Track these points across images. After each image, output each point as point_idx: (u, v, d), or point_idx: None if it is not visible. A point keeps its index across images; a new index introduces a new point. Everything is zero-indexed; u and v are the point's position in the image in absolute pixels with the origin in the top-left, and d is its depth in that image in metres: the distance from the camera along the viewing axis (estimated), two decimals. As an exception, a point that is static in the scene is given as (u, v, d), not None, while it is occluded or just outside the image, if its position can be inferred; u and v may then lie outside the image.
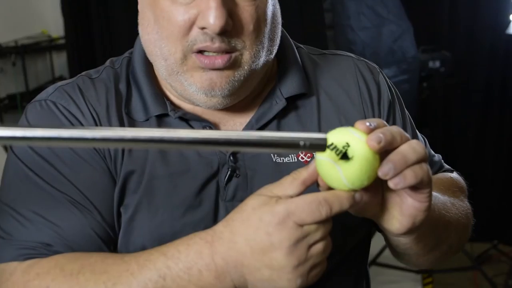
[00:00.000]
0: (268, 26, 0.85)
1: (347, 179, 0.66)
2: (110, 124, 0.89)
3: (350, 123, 0.96)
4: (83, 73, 0.98)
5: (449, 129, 3.51)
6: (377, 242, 1.45)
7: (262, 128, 0.91)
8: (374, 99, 0.97)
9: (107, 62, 0.98)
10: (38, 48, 5.11)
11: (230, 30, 0.80)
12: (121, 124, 0.89)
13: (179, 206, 0.87)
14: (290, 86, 0.92)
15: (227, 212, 0.83)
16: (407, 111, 1.05)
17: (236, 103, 0.90)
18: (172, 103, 0.92)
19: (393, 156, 0.66)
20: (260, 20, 0.83)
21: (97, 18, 3.89)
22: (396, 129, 0.68)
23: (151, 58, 0.89)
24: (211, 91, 0.84)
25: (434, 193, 0.82)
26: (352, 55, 1.03)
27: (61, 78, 5.25)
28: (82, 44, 4.23)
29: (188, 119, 0.91)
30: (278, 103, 0.91)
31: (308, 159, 0.90)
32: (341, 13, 2.74)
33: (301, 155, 0.91)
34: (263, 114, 0.92)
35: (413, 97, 3.06)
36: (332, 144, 0.65)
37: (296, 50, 0.98)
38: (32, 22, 5.17)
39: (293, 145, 0.63)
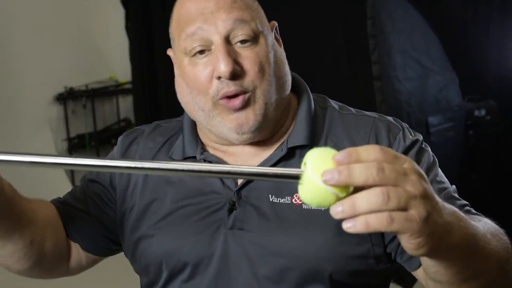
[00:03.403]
0: (272, 66, 1.04)
1: (301, 197, 0.67)
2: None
3: None
4: (160, 121, 1.25)
5: (499, 175, 3.55)
6: None
7: None
8: None
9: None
10: (106, 91, 5.49)
11: (239, 74, 1.00)
12: None
13: (189, 228, 1.06)
14: (295, 137, 1.07)
15: (225, 237, 1.03)
16: (434, 170, 1.05)
17: (256, 143, 1.08)
18: (204, 148, 1.12)
19: (345, 201, 0.63)
20: (262, 62, 1.02)
21: (162, 66, 4.17)
22: (366, 168, 0.63)
23: (192, 115, 1.09)
24: (240, 129, 1.03)
25: (472, 223, 0.81)
26: (377, 115, 1.12)
27: (126, 120, 5.59)
28: (147, 89, 4.52)
29: (210, 161, 1.10)
30: (283, 151, 1.07)
31: (300, 201, 1.02)
32: (388, 65, 2.88)
33: (295, 197, 1.03)
34: (269, 160, 1.07)
35: (459, 144, 3.16)
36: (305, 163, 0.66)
37: (312, 108, 1.11)
38: (101, 68, 5.55)
39: None
